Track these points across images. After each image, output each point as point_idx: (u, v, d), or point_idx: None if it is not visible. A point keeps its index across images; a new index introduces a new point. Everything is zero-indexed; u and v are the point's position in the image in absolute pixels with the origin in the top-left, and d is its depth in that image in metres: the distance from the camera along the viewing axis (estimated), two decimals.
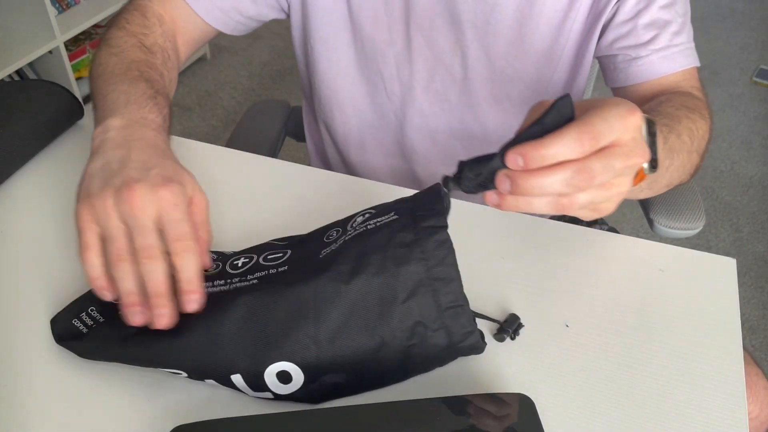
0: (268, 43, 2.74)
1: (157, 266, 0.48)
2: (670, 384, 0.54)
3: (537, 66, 0.81)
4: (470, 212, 0.68)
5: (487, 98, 0.84)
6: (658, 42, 0.76)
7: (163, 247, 0.49)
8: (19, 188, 0.71)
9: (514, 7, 0.77)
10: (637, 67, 0.77)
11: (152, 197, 0.49)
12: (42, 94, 0.75)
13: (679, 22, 0.77)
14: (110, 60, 0.69)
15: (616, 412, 0.52)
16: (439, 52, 0.81)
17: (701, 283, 0.62)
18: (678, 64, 0.77)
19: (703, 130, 0.68)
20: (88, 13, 2.05)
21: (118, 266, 0.48)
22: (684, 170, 0.67)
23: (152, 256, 0.48)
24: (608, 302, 0.60)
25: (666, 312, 0.60)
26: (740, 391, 0.53)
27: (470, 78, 0.82)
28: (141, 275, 0.48)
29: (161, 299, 0.48)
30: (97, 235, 0.50)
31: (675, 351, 0.56)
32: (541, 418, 0.48)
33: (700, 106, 0.71)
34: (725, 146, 2.25)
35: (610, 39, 0.78)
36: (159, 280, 0.48)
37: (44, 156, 0.75)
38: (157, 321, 0.48)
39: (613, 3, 0.76)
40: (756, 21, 2.97)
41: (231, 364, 0.49)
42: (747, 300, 1.74)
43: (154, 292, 0.48)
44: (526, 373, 0.54)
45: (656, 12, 0.76)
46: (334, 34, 0.82)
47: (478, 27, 0.78)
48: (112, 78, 0.66)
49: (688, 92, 0.75)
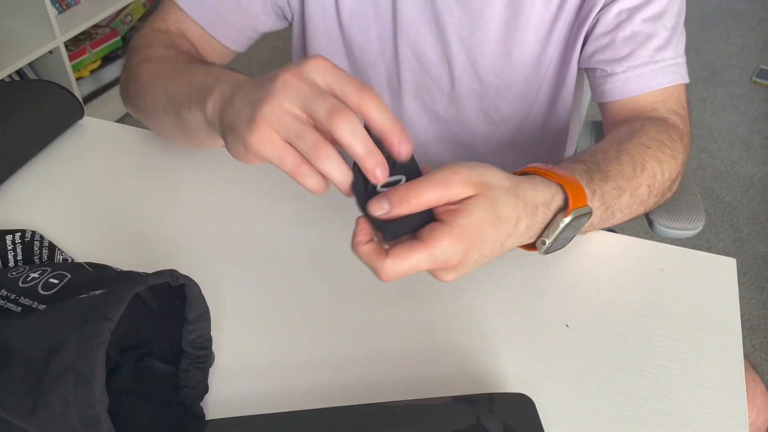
0: (268, 43, 2.74)
1: (355, 123, 0.44)
2: (670, 384, 0.54)
3: (524, 77, 0.80)
4: None
5: (475, 109, 0.83)
6: (636, 58, 0.72)
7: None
8: (19, 188, 0.71)
9: (500, 19, 0.75)
10: (612, 84, 0.74)
11: (309, 67, 0.45)
12: (42, 94, 0.75)
13: (665, 36, 0.72)
14: (161, 66, 0.67)
15: (616, 411, 0.52)
16: (427, 64, 0.80)
17: (701, 283, 0.62)
18: (655, 83, 0.72)
19: (670, 172, 0.65)
20: (88, 13, 2.05)
21: (319, 154, 0.44)
22: (633, 213, 0.64)
23: (344, 114, 0.43)
24: (608, 302, 0.60)
25: (666, 312, 0.60)
26: (740, 390, 0.54)
27: (458, 90, 0.82)
28: (343, 141, 0.44)
29: (377, 156, 0.44)
30: (286, 145, 0.45)
31: (675, 351, 0.56)
32: (541, 418, 0.48)
33: (674, 138, 0.68)
34: (725, 146, 2.25)
35: (590, 51, 0.75)
36: (365, 138, 0.44)
37: (44, 156, 0.75)
38: (375, 175, 0.45)
39: (595, 12, 0.73)
40: (756, 21, 2.97)
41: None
42: (747, 300, 1.74)
43: (366, 151, 0.44)
44: (526, 373, 0.54)
45: (638, 25, 0.72)
46: (327, 43, 0.82)
47: (463, 39, 0.77)
48: (177, 72, 0.63)
49: (663, 118, 0.71)
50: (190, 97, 0.58)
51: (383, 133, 0.45)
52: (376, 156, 0.44)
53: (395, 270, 0.45)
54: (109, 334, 0.42)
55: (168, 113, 0.63)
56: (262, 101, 0.45)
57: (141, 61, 0.70)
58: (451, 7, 0.75)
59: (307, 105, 0.44)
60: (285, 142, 0.45)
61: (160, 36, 0.74)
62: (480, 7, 0.74)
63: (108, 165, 0.73)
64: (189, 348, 0.50)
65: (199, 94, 0.56)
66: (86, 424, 0.41)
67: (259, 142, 0.45)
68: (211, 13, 0.76)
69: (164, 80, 0.64)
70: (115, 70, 2.27)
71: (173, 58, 0.68)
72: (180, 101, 0.60)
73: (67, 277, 0.51)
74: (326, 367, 0.54)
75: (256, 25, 0.80)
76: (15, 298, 0.49)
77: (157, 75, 0.66)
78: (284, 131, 0.45)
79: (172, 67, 0.65)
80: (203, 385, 0.51)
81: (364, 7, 0.78)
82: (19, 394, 0.43)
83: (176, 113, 0.61)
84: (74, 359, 0.42)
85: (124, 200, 0.69)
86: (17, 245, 0.60)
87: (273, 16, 0.81)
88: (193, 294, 0.48)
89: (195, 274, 0.48)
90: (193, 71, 0.61)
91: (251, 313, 0.59)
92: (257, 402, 0.52)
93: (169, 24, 0.76)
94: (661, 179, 0.64)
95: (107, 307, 0.43)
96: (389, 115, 0.45)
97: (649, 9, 0.71)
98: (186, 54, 0.71)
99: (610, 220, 0.61)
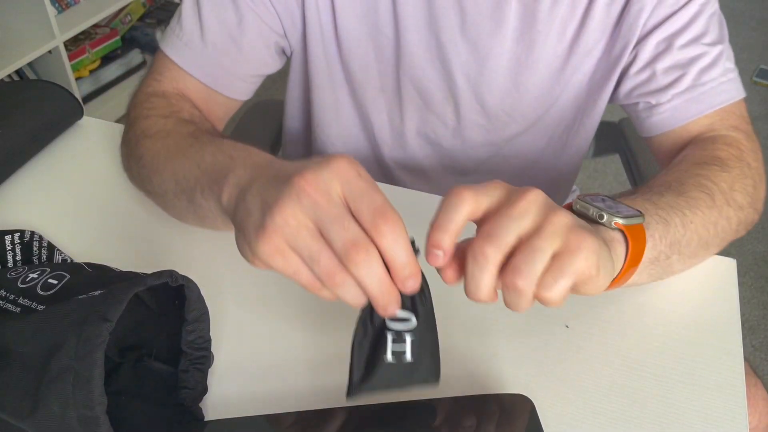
0: None
1: (372, 262, 0.40)
2: (670, 384, 0.54)
3: (533, 107, 0.78)
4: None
5: (481, 141, 0.82)
6: (682, 84, 0.68)
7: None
8: (19, 188, 0.71)
9: (510, 56, 0.73)
10: (659, 116, 0.70)
11: (328, 174, 0.41)
12: (42, 94, 0.75)
13: (712, 55, 0.68)
14: (163, 143, 0.61)
15: (616, 411, 0.52)
16: (431, 102, 0.78)
17: (701, 283, 0.62)
18: (706, 106, 0.68)
19: (728, 183, 0.60)
20: (88, 13, 2.05)
21: (334, 281, 0.41)
22: (716, 239, 0.58)
23: (361, 251, 0.40)
24: (608, 302, 0.60)
25: (666, 312, 0.59)
26: (740, 391, 0.53)
27: (463, 126, 0.80)
28: (358, 278, 0.41)
29: (390, 295, 0.41)
30: (299, 259, 0.41)
31: (675, 351, 0.56)
32: (541, 418, 0.48)
33: (727, 157, 0.62)
34: None
35: (629, 87, 0.72)
36: (381, 278, 0.41)
37: (44, 156, 0.75)
38: (385, 311, 0.42)
39: (631, 48, 0.70)
40: (756, 21, 2.97)
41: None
42: (747, 300, 1.74)
43: (380, 290, 0.41)
44: (526, 373, 0.54)
45: (679, 52, 0.68)
46: (329, 80, 0.79)
47: (470, 77, 0.75)
48: (182, 152, 0.59)
49: (720, 136, 0.66)
50: (201, 182, 0.54)
51: (391, 270, 0.41)
52: (388, 296, 0.41)
53: (486, 247, 0.40)
54: (108, 334, 0.42)
55: (179, 198, 0.58)
56: (273, 208, 0.41)
57: (141, 138, 0.64)
58: (457, 45, 0.72)
59: (322, 225, 0.40)
60: (297, 256, 0.41)
61: (157, 103, 0.68)
62: (488, 44, 0.72)
63: (107, 165, 0.73)
64: (188, 349, 0.50)
65: (212, 179, 0.52)
66: (85, 425, 0.41)
67: (269, 255, 0.41)
68: (212, 66, 0.72)
69: (169, 162, 0.59)
70: (115, 69, 2.27)
71: (174, 132, 0.63)
72: (191, 186, 0.55)
73: (66, 278, 0.51)
74: (326, 368, 0.54)
75: (260, 70, 0.76)
76: (14, 299, 0.49)
77: (160, 155, 0.61)
78: (296, 247, 0.41)
79: (175, 145, 0.60)
80: (202, 385, 0.51)
81: (364, 45, 0.75)
82: (17, 395, 0.43)
83: (188, 199, 0.57)
84: (73, 360, 0.42)
85: (123, 201, 0.69)
86: (16, 245, 0.60)
87: (276, 57, 0.77)
88: (193, 294, 0.48)
89: (194, 275, 0.48)
90: (200, 150, 0.57)
91: (250, 314, 0.59)
92: (256, 403, 0.52)
93: (165, 85, 0.71)
94: (722, 197, 0.59)
95: (106, 308, 0.43)
96: (402, 251, 0.41)
97: (688, 33, 0.68)
98: (187, 122, 0.65)
99: (673, 227, 0.54)
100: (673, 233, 0.54)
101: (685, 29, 0.68)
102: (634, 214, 0.49)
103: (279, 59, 0.78)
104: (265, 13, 0.72)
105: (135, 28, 2.36)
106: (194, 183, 0.55)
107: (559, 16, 0.70)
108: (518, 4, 0.70)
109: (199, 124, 0.66)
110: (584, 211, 0.48)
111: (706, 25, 0.69)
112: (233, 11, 0.70)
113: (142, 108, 0.68)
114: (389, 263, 0.41)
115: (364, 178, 0.42)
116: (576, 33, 0.72)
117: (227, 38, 0.71)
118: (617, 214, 0.48)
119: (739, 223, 0.61)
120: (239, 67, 0.73)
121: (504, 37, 0.71)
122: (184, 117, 0.66)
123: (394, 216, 0.41)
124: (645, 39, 0.69)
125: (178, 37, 0.71)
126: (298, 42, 0.77)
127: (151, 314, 0.52)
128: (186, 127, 0.63)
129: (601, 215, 0.47)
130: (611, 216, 0.47)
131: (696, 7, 0.68)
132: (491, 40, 0.72)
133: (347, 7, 0.72)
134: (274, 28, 0.73)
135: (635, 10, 0.68)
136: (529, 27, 0.71)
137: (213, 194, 0.51)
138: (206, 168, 0.54)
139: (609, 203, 0.49)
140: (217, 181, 0.50)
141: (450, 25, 0.71)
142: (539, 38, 0.71)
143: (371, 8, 0.72)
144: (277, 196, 0.41)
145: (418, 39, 0.73)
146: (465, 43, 0.72)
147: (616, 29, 0.70)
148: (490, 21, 0.71)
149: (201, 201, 0.54)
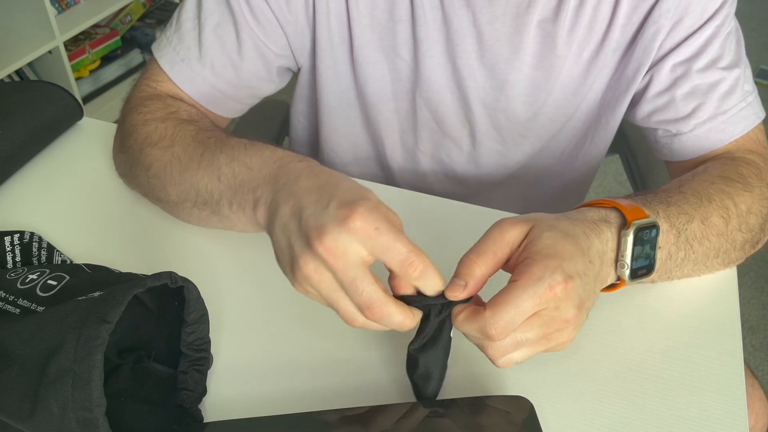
0: None
1: (385, 319, 0.45)
2: (670, 385, 0.54)
3: (546, 128, 0.78)
4: (469, 212, 0.68)
5: (494, 164, 0.82)
6: (703, 113, 0.68)
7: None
8: (18, 189, 0.71)
9: (528, 82, 0.72)
10: (681, 144, 0.70)
11: (347, 236, 0.43)
12: (42, 94, 0.75)
13: (730, 80, 0.68)
14: (170, 153, 0.61)
15: (616, 413, 0.52)
16: (446, 126, 0.78)
17: (701, 283, 0.62)
18: (728, 135, 0.68)
19: (747, 204, 0.61)
20: (88, 13, 2.05)
21: (356, 324, 0.46)
22: (722, 253, 0.60)
23: (375, 312, 0.44)
24: (608, 303, 0.60)
25: (666, 312, 0.59)
26: (740, 391, 0.53)
27: (479, 151, 0.80)
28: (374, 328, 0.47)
29: (410, 327, 0.46)
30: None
31: (675, 351, 0.56)
32: (540, 420, 0.48)
33: (747, 174, 0.63)
34: None
35: (647, 111, 0.72)
36: (399, 324, 0.46)
37: (43, 157, 0.75)
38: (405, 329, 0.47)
39: (645, 70, 0.69)
40: (756, 21, 2.97)
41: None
42: (747, 300, 1.74)
43: (401, 328, 0.46)
44: (525, 375, 0.54)
45: (697, 78, 0.67)
46: (340, 99, 0.78)
47: (487, 103, 0.74)
48: (196, 162, 0.59)
49: (738, 158, 0.66)
50: (226, 196, 0.56)
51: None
52: (408, 328, 0.46)
53: (500, 320, 0.44)
54: (107, 336, 0.42)
55: (200, 208, 0.60)
56: (299, 260, 0.45)
57: (144, 146, 0.64)
58: (473, 71, 0.72)
59: (341, 285, 0.45)
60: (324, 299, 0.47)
61: (152, 106, 0.67)
62: (506, 70, 0.71)
63: (107, 166, 0.73)
64: (187, 350, 0.50)
65: (236, 193, 0.55)
66: (84, 427, 0.41)
67: (302, 292, 0.47)
68: (207, 87, 0.70)
69: (186, 173, 0.60)
70: (115, 70, 2.27)
71: (179, 139, 0.62)
72: (216, 200, 0.57)
73: (66, 279, 0.51)
74: (325, 370, 0.54)
75: (257, 92, 0.75)
76: (13, 300, 0.49)
77: (172, 165, 0.61)
78: (321, 294, 0.46)
79: (186, 155, 0.60)
80: (202, 387, 0.51)
81: (380, 66, 0.74)
82: (17, 397, 0.43)
83: (212, 210, 0.59)
84: (72, 361, 0.42)
85: (123, 202, 0.69)
86: (16, 246, 0.60)
87: (276, 79, 0.75)
88: (192, 296, 0.48)
89: (194, 276, 0.48)
90: (213, 159, 0.58)
91: (250, 316, 0.59)
92: (256, 404, 0.52)
93: (158, 90, 0.70)
94: (737, 211, 0.60)
95: (106, 309, 0.43)
96: (434, 286, 0.46)
97: (705, 56, 0.67)
98: (187, 122, 0.64)
99: (690, 252, 0.57)
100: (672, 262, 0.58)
101: (701, 52, 0.67)
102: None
103: (280, 80, 0.76)
104: (271, 34, 0.70)
105: (135, 28, 2.36)
106: (219, 197, 0.57)
107: (577, 40, 0.69)
108: (537, 30, 0.69)
109: (199, 123, 0.65)
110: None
111: (723, 46, 0.68)
112: (234, 36, 0.69)
113: (137, 113, 0.67)
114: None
115: (384, 231, 0.43)
116: (593, 55, 0.71)
117: (227, 63, 0.70)
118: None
119: (745, 242, 0.62)
120: (236, 92, 0.72)
121: (522, 63, 0.71)
122: (183, 117, 0.66)
123: (422, 260, 0.44)
124: (661, 62, 0.69)
125: (174, 51, 0.69)
126: (307, 59, 0.76)
127: (151, 316, 0.52)
128: (188, 130, 0.63)
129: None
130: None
131: (712, 29, 0.67)
132: (508, 66, 0.71)
133: (365, 29, 0.71)
134: (280, 49, 0.72)
135: (651, 32, 0.67)
136: (549, 52, 0.70)
137: (243, 211, 0.55)
138: (228, 182, 0.56)
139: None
140: (245, 197, 0.54)
141: (467, 50, 0.70)
142: (558, 63, 0.71)
143: (389, 30, 0.71)
144: (300, 251, 0.45)
145: (436, 63, 0.72)
146: (482, 68, 0.72)
147: (630, 50, 0.70)
148: (507, 47, 0.70)
149: (228, 213, 0.57)
